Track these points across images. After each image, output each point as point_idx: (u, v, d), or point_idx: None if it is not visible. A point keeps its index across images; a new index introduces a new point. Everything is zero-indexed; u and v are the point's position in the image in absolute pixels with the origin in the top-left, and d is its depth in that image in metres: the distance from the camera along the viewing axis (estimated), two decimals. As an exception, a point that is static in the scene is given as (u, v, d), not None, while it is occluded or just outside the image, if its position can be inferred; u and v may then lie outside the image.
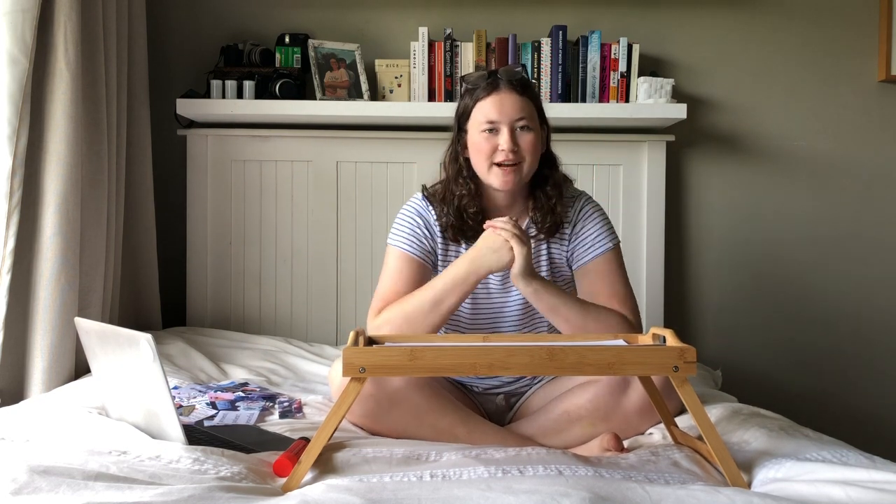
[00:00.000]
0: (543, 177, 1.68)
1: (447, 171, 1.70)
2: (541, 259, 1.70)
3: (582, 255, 1.68)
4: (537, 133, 1.62)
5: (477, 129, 1.62)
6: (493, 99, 1.60)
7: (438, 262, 1.69)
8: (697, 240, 2.71)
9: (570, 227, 1.69)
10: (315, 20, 2.66)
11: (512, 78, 1.62)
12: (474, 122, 1.63)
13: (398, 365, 1.16)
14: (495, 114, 1.59)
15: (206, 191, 2.56)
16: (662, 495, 1.04)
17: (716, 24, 2.69)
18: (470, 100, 1.65)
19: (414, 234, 1.68)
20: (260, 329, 2.57)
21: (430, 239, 1.68)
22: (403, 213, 1.72)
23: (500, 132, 1.60)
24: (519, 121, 1.60)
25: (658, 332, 1.33)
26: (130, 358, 1.24)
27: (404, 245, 1.67)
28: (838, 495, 1.05)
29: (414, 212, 1.70)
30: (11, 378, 1.85)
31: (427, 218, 1.69)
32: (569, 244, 1.70)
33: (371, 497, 1.03)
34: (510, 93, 1.61)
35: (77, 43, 1.94)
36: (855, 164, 2.71)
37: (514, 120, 1.59)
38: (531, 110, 1.62)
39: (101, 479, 1.05)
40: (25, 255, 1.88)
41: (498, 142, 1.59)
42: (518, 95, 1.61)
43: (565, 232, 1.70)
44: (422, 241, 1.67)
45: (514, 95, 1.61)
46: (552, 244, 1.70)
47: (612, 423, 1.50)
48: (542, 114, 1.68)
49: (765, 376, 2.69)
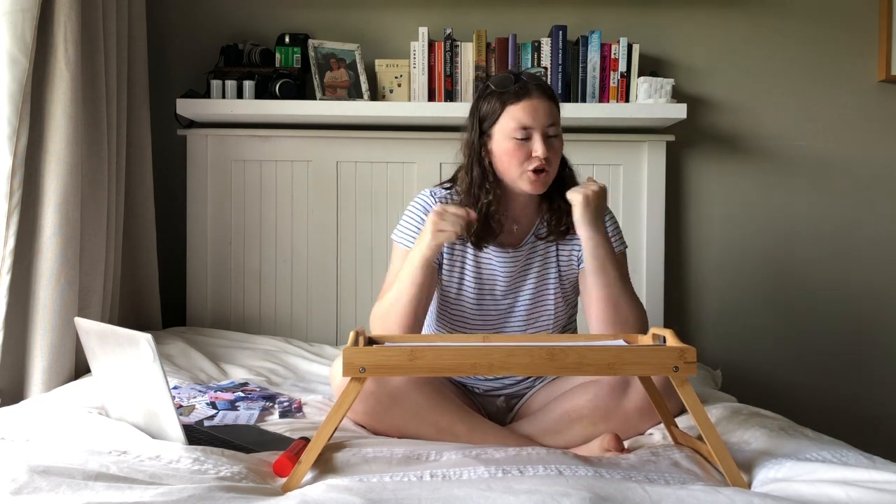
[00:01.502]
0: (559, 178, 1.67)
1: (469, 175, 1.65)
2: (551, 259, 1.69)
3: None
4: (562, 138, 1.64)
5: (507, 135, 1.59)
6: (526, 105, 1.58)
7: (444, 261, 1.68)
8: (697, 240, 2.71)
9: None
10: (315, 20, 2.66)
11: (541, 83, 1.62)
12: (504, 127, 1.60)
13: (398, 365, 1.16)
14: (529, 119, 1.58)
15: (206, 191, 2.56)
16: (662, 495, 1.04)
17: (716, 24, 2.69)
18: (497, 103, 1.61)
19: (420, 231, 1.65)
20: (260, 329, 2.57)
21: None
22: (412, 209, 1.70)
23: (532, 138, 1.58)
24: (550, 127, 1.59)
25: (658, 332, 1.33)
26: (130, 358, 1.24)
27: (410, 242, 1.66)
28: (838, 495, 1.05)
29: (422, 209, 1.68)
30: (11, 378, 1.85)
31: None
32: (580, 244, 1.68)
33: (371, 497, 1.03)
34: (542, 99, 1.60)
35: (77, 43, 1.94)
36: (855, 164, 2.71)
37: (547, 126, 1.59)
38: (558, 117, 1.63)
39: (101, 479, 1.05)
40: (25, 255, 1.88)
41: (530, 148, 1.58)
42: (548, 101, 1.61)
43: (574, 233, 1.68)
44: None
45: (546, 101, 1.60)
46: (561, 245, 1.70)
47: (612, 422, 1.50)
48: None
49: (765, 376, 2.69)
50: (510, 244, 1.69)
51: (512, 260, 1.67)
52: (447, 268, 1.68)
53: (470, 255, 1.68)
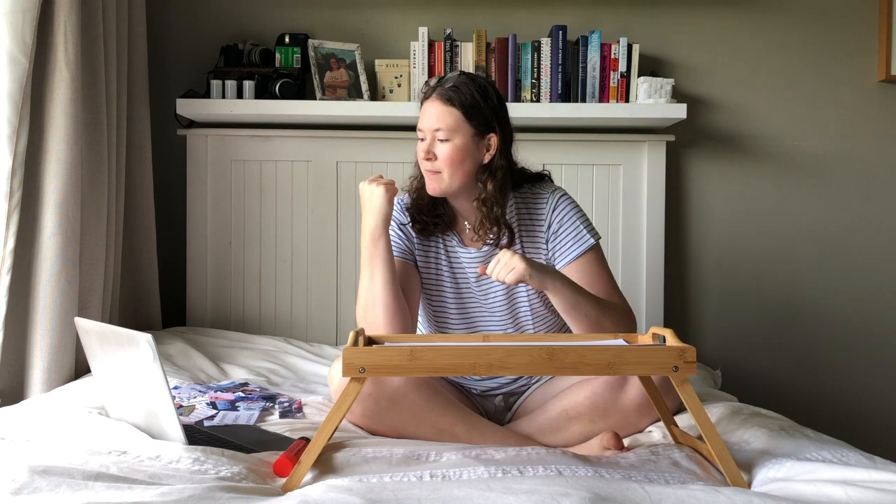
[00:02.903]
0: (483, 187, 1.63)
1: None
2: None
3: (564, 255, 1.65)
4: (457, 144, 1.59)
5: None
6: (423, 107, 1.65)
7: (418, 260, 1.73)
8: (697, 240, 2.71)
9: (546, 227, 1.67)
10: (315, 20, 2.66)
11: (443, 86, 1.62)
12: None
13: (398, 365, 1.16)
14: (421, 122, 1.64)
15: (206, 191, 2.56)
16: (662, 495, 1.04)
17: (716, 24, 2.69)
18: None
19: (394, 234, 1.71)
20: (260, 329, 2.57)
21: (406, 239, 1.72)
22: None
23: (426, 140, 1.63)
24: (437, 131, 1.61)
25: (658, 331, 1.33)
26: (130, 358, 1.24)
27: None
28: (838, 495, 1.05)
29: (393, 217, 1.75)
30: (11, 378, 1.85)
31: (401, 220, 1.73)
32: (547, 245, 1.68)
33: (371, 497, 1.03)
34: (434, 102, 1.62)
35: (77, 43, 1.94)
36: (855, 164, 2.71)
37: (433, 130, 1.61)
38: (454, 121, 1.59)
39: (101, 479, 1.05)
40: (25, 255, 1.88)
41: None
42: (442, 104, 1.60)
43: (540, 232, 1.68)
44: (401, 242, 1.71)
45: (438, 104, 1.61)
46: (528, 248, 1.69)
47: (610, 419, 1.50)
48: (485, 122, 1.61)
49: (765, 376, 2.69)
50: (473, 244, 1.70)
51: (478, 259, 1.69)
52: (423, 264, 1.72)
53: (443, 255, 1.72)
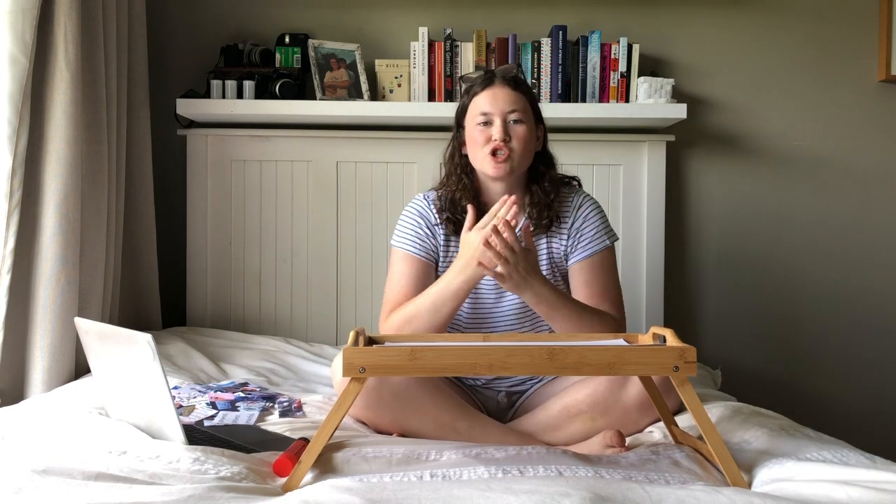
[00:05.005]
0: (540, 173, 1.72)
1: (446, 168, 1.77)
2: (541, 253, 1.72)
3: (580, 251, 1.71)
4: (530, 127, 1.67)
5: (472, 123, 1.68)
6: (487, 93, 1.68)
7: (440, 261, 1.73)
8: (697, 239, 2.71)
9: (570, 222, 1.73)
10: (315, 20, 2.66)
11: (506, 74, 1.69)
12: (470, 116, 1.70)
13: (398, 365, 1.16)
14: (488, 106, 1.66)
15: (206, 191, 2.56)
16: (663, 495, 1.04)
17: (716, 24, 2.69)
18: (467, 97, 1.72)
19: (416, 234, 1.72)
20: (260, 329, 2.57)
21: (431, 238, 1.72)
22: (405, 214, 1.77)
23: (493, 123, 1.65)
24: (511, 113, 1.65)
25: (658, 331, 1.33)
26: (130, 358, 1.24)
27: (407, 245, 1.72)
28: (838, 495, 1.05)
29: (415, 212, 1.75)
30: (11, 378, 1.85)
31: (427, 217, 1.73)
32: (568, 239, 1.72)
33: (371, 497, 1.03)
34: (503, 87, 1.67)
35: (77, 43, 1.94)
36: (855, 164, 2.71)
37: (507, 112, 1.65)
38: (524, 104, 1.68)
39: (101, 479, 1.05)
40: (25, 255, 1.88)
41: (491, 132, 1.64)
42: (511, 90, 1.68)
43: (564, 227, 1.72)
44: (424, 241, 1.72)
45: (507, 90, 1.67)
46: (552, 239, 1.73)
47: (611, 417, 1.51)
48: (538, 112, 1.73)
49: (765, 376, 2.69)
50: None
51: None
52: (443, 265, 1.72)
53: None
